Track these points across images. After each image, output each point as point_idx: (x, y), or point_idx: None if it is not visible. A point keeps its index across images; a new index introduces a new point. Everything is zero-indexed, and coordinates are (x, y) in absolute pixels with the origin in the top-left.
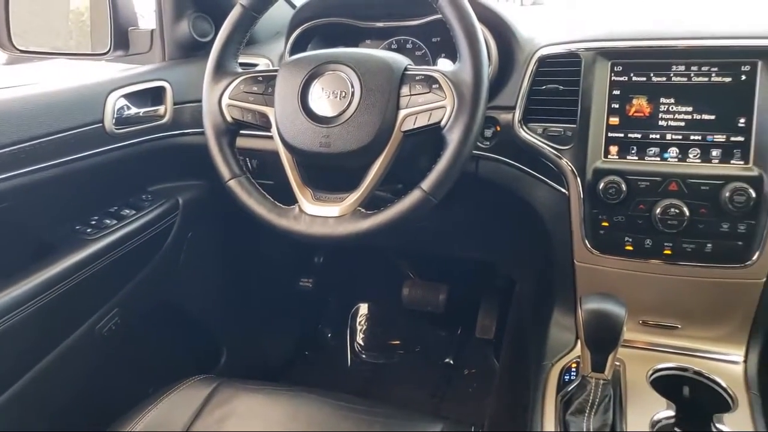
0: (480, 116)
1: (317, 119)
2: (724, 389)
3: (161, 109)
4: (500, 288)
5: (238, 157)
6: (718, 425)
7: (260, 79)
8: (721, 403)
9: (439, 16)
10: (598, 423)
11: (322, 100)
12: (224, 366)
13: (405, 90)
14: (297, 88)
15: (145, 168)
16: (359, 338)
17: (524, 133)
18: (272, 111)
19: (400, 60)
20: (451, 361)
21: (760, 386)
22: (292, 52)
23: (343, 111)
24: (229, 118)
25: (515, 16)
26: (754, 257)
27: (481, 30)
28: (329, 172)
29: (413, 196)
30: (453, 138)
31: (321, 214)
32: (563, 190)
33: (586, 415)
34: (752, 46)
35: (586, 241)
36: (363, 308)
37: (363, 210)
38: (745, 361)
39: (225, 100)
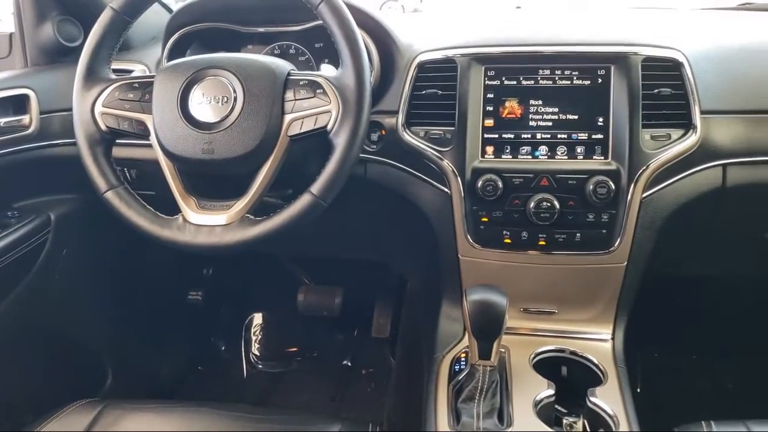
0: (365, 120)
1: (199, 125)
2: (596, 365)
3: (25, 118)
4: (394, 287)
5: (114, 168)
6: (591, 399)
7: (136, 85)
8: (594, 378)
9: (321, 22)
10: (487, 408)
11: (203, 106)
12: (110, 388)
13: (289, 95)
14: (176, 94)
15: (9, 183)
16: (255, 348)
17: (408, 136)
18: (150, 118)
19: (283, 65)
20: (349, 363)
21: (626, 360)
22: (170, 57)
23: (226, 116)
24: (103, 127)
25: (395, 23)
26: (616, 243)
27: (361, 36)
28: (214, 180)
29: (303, 201)
30: (340, 142)
31: (207, 223)
32: (445, 189)
33: (476, 401)
34: (606, 52)
35: (468, 237)
36: (257, 318)
37: (251, 217)
38: (613, 339)
39: (98, 108)
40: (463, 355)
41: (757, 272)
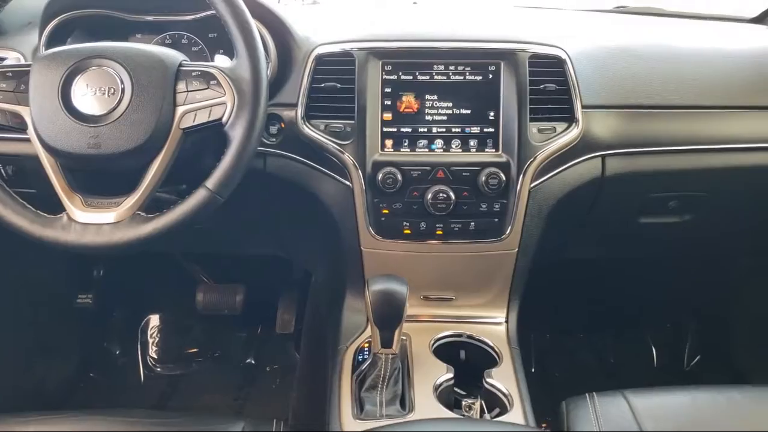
0: (262, 112)
1: (83, 118)
2: (492, 348)
3: None
4: (298, 282)
5: None
6: (488, 380)
7: (10, 74)
8: (490, 360)
9: (214, 11)
10: (390, 395)
11: (87, 98)
12: None
13: (181, 86)
14: (56, 84)
15: None
16: (152, 351)
17: (307, 130)
18: (27, 110)
19: (174, 55)
20: (253, 361)
21: (519, 341)
22: (49, 45)
23: (113, 109)
24: None
25: (292, 15)
26: (508, 231)
27: (256, 27)
28: (102, 176)
29: (198, 196)
30: (236, 134)
31: (94, 222)
32: (347, 182)
33: (379, 389)
34: (496, 49)
35: (370, 228)
36: (154, 319)
37: (143, 214)
38: (507, 322)
39: None
40: (366, 345)
41: (634, 254)
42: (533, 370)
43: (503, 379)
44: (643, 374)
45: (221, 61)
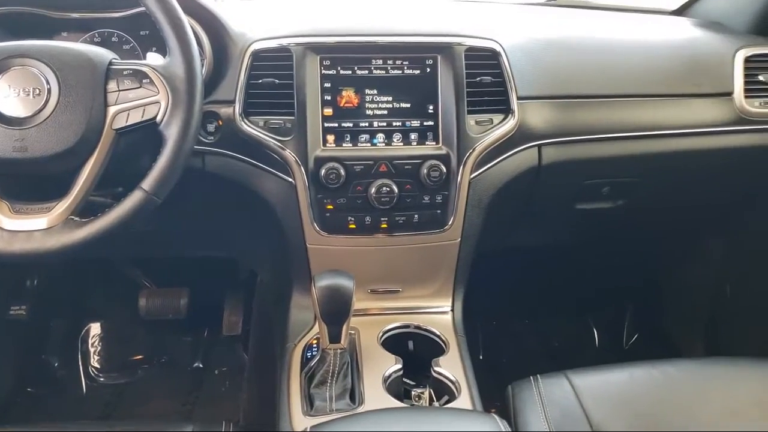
0: (197, 110)
1: (6, 121)
2: (438, 337)
3: None
4: (243, 282)
5: None
6: (435, 368)
7: None
8: (438, 349)
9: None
10: (340, 389)
11: (10, 99)
12: None
13: (112, 85)
14: None
15: None
16: (94, 361)
17: (246, 127)
18: None
19: (103, 53)
20: (201, 365)
21: (465, 329)
22: None
23: (39, 111)
24: None
25: (226, 10)
26: (450, 222)
27: (188, 23)
28: (30, 180)
29: (134, 198)
30: (171, 134)
31: (24, 228)
32: (289, 179)
33: (328, 384)
34: (433, 43)
35: (315, 225)
36: (95, 328)
37: (77, 218)
38: (452, 310)
39: None
40: (315, 341)
41: (573, 240)
42: (481, 357)
43: (450, 366)
44: (586, 355)
45: (154, 59)
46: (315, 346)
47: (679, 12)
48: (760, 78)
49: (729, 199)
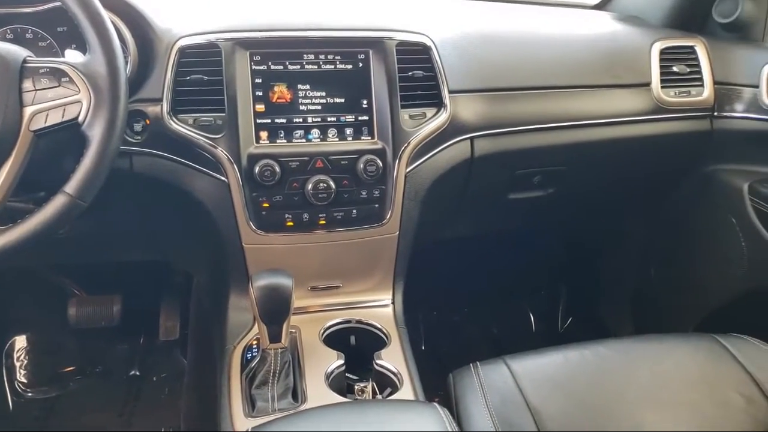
0: (122, 109)
1: None
2: (380, 330)
3: None
4: (179, 285)
5: None
6: (377, 361)
7: None
8: (380, 342)
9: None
10: (282, 389)
11: None
12: None
13: (28, 84)
14: None
15: None
16: (20, 375)
17: (175, 125)
18: None
19: (16, 51)
20: (138, 372)
21: (406, 321)
22: None
23: None
24: None
25: (150, 5)
26: (388, 216)
27: (109, 18)
28: None
29: (57, 202)
30: (95, 134)
31: None
32: (222, 177)
33: (270, 384)
34: (364, 38)
35: (251, 223)
36: (20, 341)
37: None
38: (393, 303)
39: None
40: (255, 342)
41: (508, 228)
42: (423, 347)
43: (392, 359)
44: (523, 340)
45: (73, 56)
46: (255, 346)
47: (600, 6)
48: (675, 69)
49: (648, 184)
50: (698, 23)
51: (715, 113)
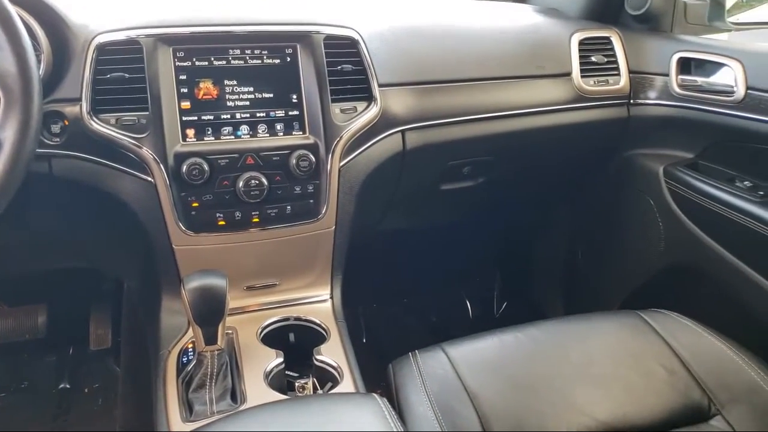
0: (36, 110)
1: None
2: (319, 325)
3: None
4: (109, 291)
5: None
6: (317, 357)
7: None
8: (319, 337)
9: None
10: (220, 391)
11: None
12: None
13: None
14: None
15: None
16: None
17: (96, 125)
18: None
19: None
20: (68, 385)
21: (346, 315)
22: None
23: None
24: None
25: (64, 1)
26: (323, 211)
27: (17, 14)
28: None
29: None
30: (7, 137)
31: None
32: (148, 178)
33: (207, 387)
34: (291, 32)
35: (180, 224)
36: None
37: None
38: (332, 298)
39: None
40: (190, 345)
41: (442, 219)
42: (364, 340)
43: (332, 353)
44: (462, 326)
45: None
46: (191, 350)
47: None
48: (593, 59)
49: (573, 170)
50: (612, 15)
51: (631, 101)
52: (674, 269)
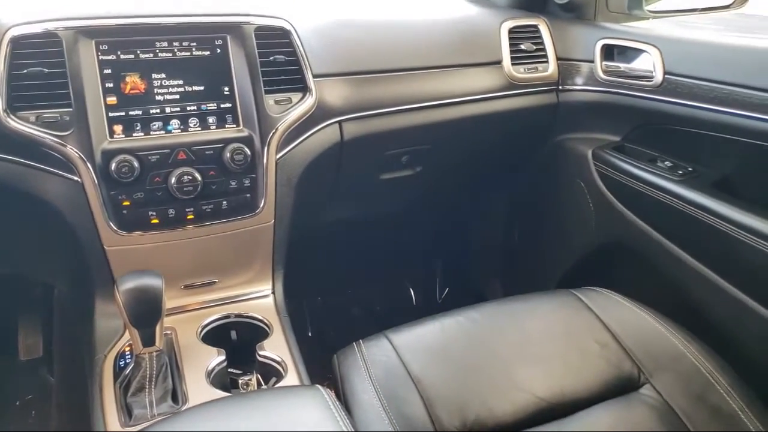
0: None
1: None
2: (261, 321)
3: None
4: (38, 298)
5: None
6: (260, 352)
7: None
8: (262, 333)
9: None
10: (160, 393)
11: None
12: None
13: None
14: None
15: None
16: None
17: (14, 123)
18: None
19: None
20: None
21: (291, 309)
22: None
23: None
24: None
25: None
26: (261, 205)
27: None
28: None
29: None
30: None
31: None
32: (75, 177)
33: (147, 390)
34: (221, 23)
35: (111, 224)
36: None
37: None
38: (273, 293)
39: None
40: (128, 348)
41: (382, 208)
42: (310, 334)
43: (275, 348)
44: (406, 314)
45: None
46: (128, 353)
47: None
48: (522, 47)
49: (507, 156)
50: (540, 4)
51: (560, 87)
52: (605, 248)
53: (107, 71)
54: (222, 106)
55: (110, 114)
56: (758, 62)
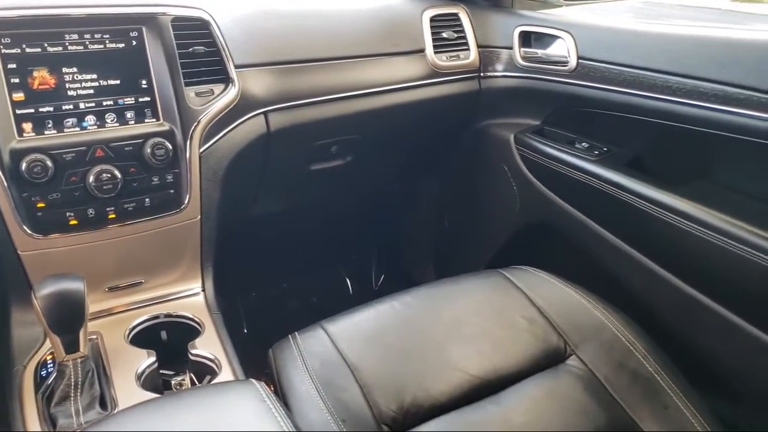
0: None
1: None
2: (192, 319)
3: None
4: None
5: None
6: (192, 351)
7: None
8: (194, 331)
9: None
10: (87, 400)
11: None
12: None
13: None
14: None
15: None
16: None
17: None
18: None
19: None
20: None
21: (220, 306)
22: None
23: None
24: None
25: None
26: (186, 200)
27: None
28: None
29: None
30: None
31: None
32: None
33: (72, 398)
34: (135, 14)
35: (25, 228)
36: None
37: None
38: (204, 290)
39: None
40: (49, 356)
41: (315, 199)
42: (245, 330)
43: (208, 346)
44: (342, 303)
45: None
46: (50, 361)
47: None
48: (444, 35)
49: (433, 143)
50: None
51: (482, 74)
52: (530, 228)
53: (11, 66)
54: (140, 100)
55: (18, 111)
56: (661, 47)
